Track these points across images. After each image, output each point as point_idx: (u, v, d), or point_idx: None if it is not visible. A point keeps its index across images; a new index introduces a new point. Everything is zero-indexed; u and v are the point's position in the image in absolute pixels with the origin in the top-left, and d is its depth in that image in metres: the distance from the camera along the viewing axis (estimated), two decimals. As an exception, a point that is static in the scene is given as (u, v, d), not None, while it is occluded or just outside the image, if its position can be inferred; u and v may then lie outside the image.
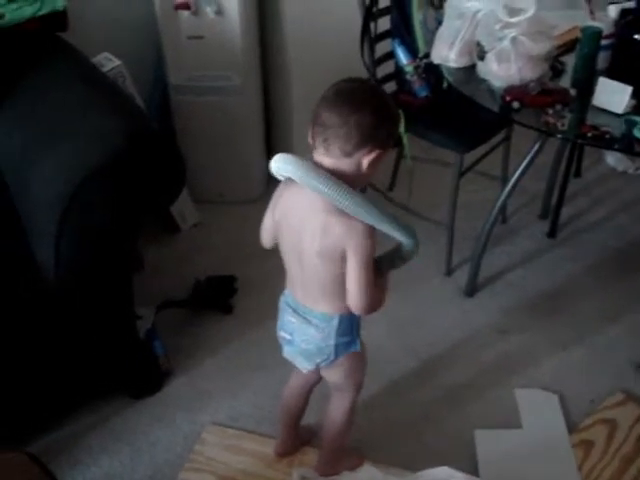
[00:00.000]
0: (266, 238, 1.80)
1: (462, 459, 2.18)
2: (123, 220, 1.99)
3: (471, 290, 2.76)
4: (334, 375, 1.90)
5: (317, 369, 1.87)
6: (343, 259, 1.58)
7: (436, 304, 2.73)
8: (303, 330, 1.77)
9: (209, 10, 2.80)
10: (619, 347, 2.56)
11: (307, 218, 1.60)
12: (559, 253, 3.00)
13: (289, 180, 1.61)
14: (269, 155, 3.31)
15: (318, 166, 1.55)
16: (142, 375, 2.37)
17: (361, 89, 1.57)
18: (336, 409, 2.01)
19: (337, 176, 1.52)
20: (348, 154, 1.52)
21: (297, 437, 2.20)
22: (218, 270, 2.78)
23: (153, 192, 2.03)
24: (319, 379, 2.03)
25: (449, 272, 2.86)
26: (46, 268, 1.95)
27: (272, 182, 3.38)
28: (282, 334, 1.86)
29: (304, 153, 3.34)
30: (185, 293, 2.70)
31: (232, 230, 3.09)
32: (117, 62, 2.60)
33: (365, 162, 1.53)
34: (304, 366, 1.85)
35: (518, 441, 2.25)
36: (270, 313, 2.63)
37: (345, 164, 1.54)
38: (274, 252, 2.90)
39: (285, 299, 1.84)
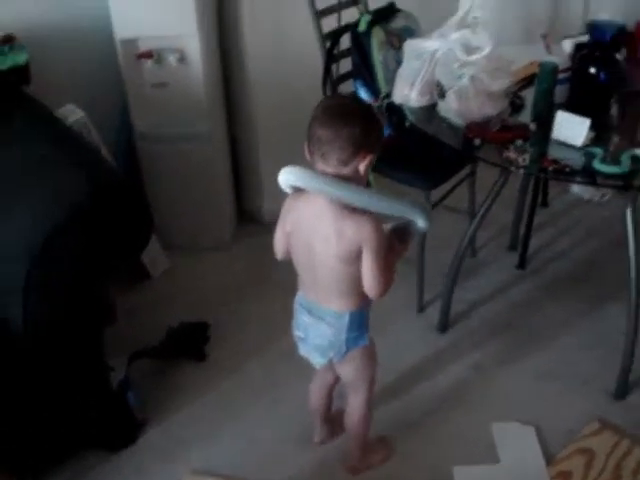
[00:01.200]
0: (279, 249, 1.96)
1: (442, 497, 2.18)
2: (91, 273, 1.99)
3: (443, 326, 2.76)
4: (347, 369, 2.04)
5: (332, 368, 2.06)
6: (360, 257, 1.76)
7: (409, 341, 2.73)
8: (316, 327, 1.94)
9: (172, 58, 2.83)
10: (593, 376, 2.57)
11: (318, 225, 1.77)
12: (529, 284, 3.02)
13: (296, 193, 1.80)
14: (238, 200, 3.37)
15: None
16: (117, 427, 2.34)
17: (346, 104, 1.76)
18: (353, 409, 2.15)
19: None
20: (345, 163, 1.69)
21: (331, 427, 2.34)
22: (191, 317, 2.76)
23: (120, 243, 2.03)
24: (336, 380, 2.19)
25: (421, 309, 2.87)
26: (15, 324, 1.93)
27: (242, 227, 3.42)
28: (297, 333, 2.03)
29: (274, 195, 3.37)
30: (158, 341, 2.67)
31: (204, 276, 3.09)
32: (81, 114, 2.61)
33: (362, 167, 1.70)
34: (318, 361, 2.00)
35: (497, 476, 2.25)
36: (244, 360, 2.65)
37: (344, 171, 1.70)
38: (247, 297, 2.94)
39: (299, 300, 2.00)
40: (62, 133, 2.25)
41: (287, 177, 1.75)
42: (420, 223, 1.80)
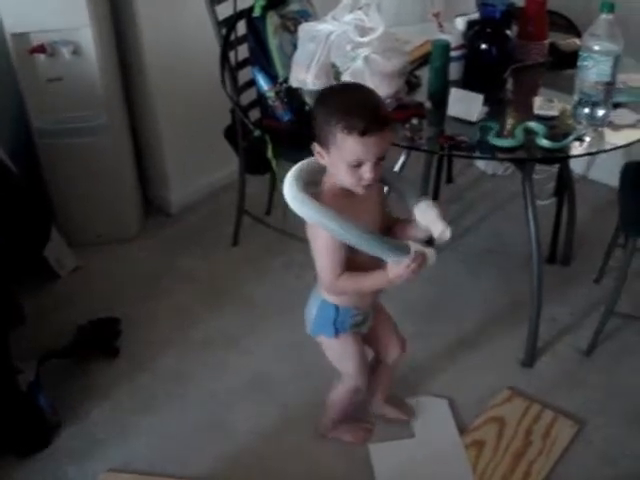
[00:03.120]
0: None
1: (360, 476, 2.20)
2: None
3: (357, 307, 2.77)
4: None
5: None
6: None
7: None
8: (310, 295, 2.02)
9: (65, 51, 2.76)
10: (502, 345, 2.64)
11: None
12: (438, 260, 3.05)
13: None
14: (144, 190, 3.32)
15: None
16: (28, 432, 2.29)
17: (333, 90, 1.80)
18: (335, 389, 2.22)
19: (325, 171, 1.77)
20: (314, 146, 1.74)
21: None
22: (101, 313, 2.71)
23: (17, 241, 1.99)
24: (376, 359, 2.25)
25: (332, 291, 2.87)
26: None
27: (149, 218, 3.36)
28: None
29: (180, 185, 3.33)
30: (69, 341, 2.62)
31: (112, 271, 3.04)
32: (-28, 113, 2.53)
33: (318, 156, 1.74)
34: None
35: (413, 450, 2.29)
36: (157, 352, 2.63)
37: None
38: (157, 289, 2.91)
39: None
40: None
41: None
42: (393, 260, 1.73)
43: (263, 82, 2.64)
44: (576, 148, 2.19)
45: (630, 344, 2.64)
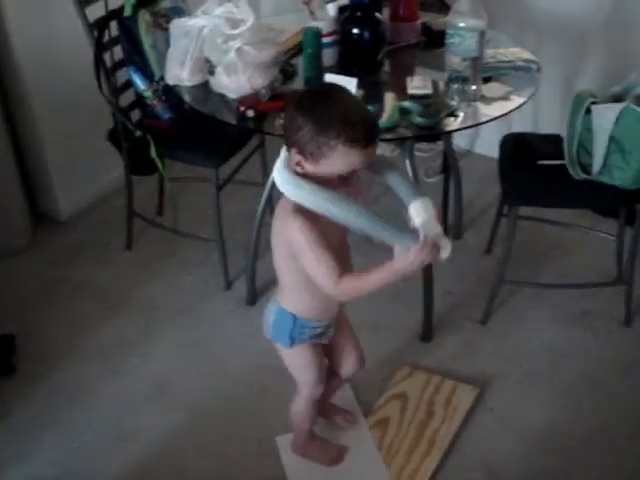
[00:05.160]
0: None
1: (270, 469, 2.22)
2: None
3: (252, 298, 2.79)
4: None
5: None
6: (287, 253, 1.68)
7: (221, 319, 2.75)
8: (270, 300, 1.95)
9: None
10: (400, 323, 2.69)
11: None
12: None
13: None
14: (31, 200, 3.23)
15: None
16: None
17: (318, 98, 1.60)
18: (293, 401, 2.13)
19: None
20: (288, 150, 1.62)
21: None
22: (-5, 331, 2.65)
23: None
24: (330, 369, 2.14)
25: (228, 285, 2.88)
26: None
27: (40, 228, 3.27)
28: None
29: (68, 193, 3.24)
30: (-38, 361, 2.55)
31: (3, 285, 2.93)
32: None
33: (294, 162, 1.60)
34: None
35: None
36: (54, 365, 2.57)
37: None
38: (51, 301, 2.85)
39: None
40: None
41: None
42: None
43: (140, 82, 2.60)
44: (452, 123, 2.24)
45: (521, 309, 2.75)
